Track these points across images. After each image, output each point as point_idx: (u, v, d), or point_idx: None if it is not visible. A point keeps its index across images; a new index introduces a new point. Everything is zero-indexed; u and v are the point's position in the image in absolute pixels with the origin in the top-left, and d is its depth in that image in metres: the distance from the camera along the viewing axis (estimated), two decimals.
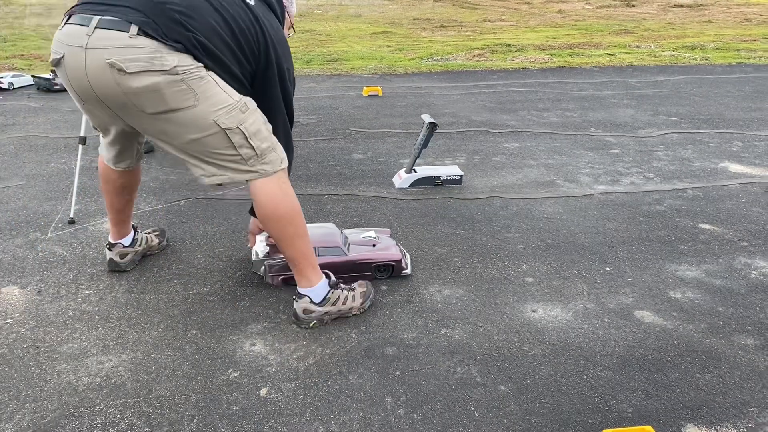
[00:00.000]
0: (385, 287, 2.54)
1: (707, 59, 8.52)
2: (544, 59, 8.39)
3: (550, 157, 4.29)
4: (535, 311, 2.39)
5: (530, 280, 2.62)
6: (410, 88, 6.61)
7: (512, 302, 2.45)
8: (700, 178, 3.90)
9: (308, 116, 5.30)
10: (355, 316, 2.33)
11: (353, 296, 2.33)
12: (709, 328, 2.30)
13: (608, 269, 2.72)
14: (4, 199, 3.40)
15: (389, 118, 5.31)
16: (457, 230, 3.08)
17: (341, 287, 2.33)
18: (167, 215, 3.22)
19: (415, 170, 3.71)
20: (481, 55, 8.72)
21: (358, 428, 1.79)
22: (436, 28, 12.14)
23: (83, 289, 2.50)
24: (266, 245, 2.61)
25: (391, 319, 2.33)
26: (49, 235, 2.97)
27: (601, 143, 4.63)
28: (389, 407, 1.87)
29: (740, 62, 8.38)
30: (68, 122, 4.97)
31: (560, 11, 15.28)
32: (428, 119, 3.52)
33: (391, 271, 2.62)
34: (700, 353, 2.15)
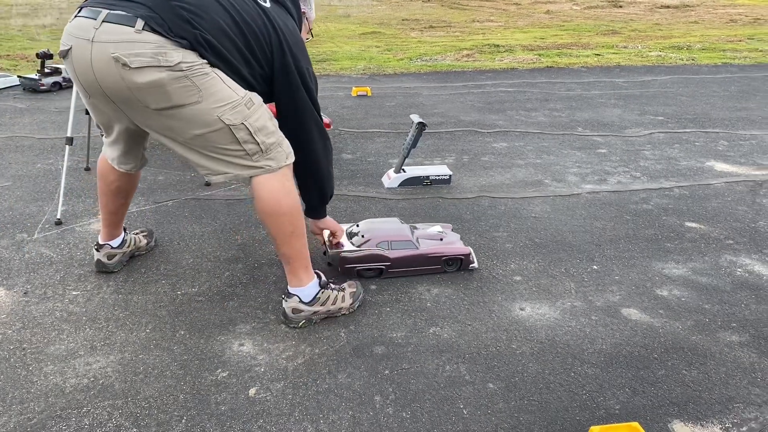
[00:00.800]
0: (374, 286, 2.55)
1: (693, 59, 8.60)
2: (532, 59, 8.43)
3: (538, 156, 4.31)
4: (523, 309, 2.40)
5: (518, 278, 2.64)
6: (399, 88, 6.62)
7: (500, 301, 2.46)
8: (686, 177, 3.94)
9: None
10: (344, 315, 2.33)
11: (343, 296, 2.33)
12: (695, 325, 2.33)
13: (596, 267, 2.74)
14: None
15: (378, 118, 5.31)
16: None
17: (331, 287, 2.33)
18: (155, 216, 3.20)
19: (404, 170, 3.72)
20: (469, 55, 8.75)
21: (347, 427, 1.79)
22: (424, 28, 12.16)
23: (70, 290, 2.49)
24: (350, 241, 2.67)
25: (380, 318, 2.33)
26: (35, 236, 2.95)
27: (588, 143, 4.66)
28: (378, 406, 1.88)
29: (726, 62, 8.46)
30: (55, 123, 4.93)
31: (548, 12, 15.35)
32: (417, 119, 3.53)
33: (459, 264, 2.66)
34: (686, 350, 2.17)
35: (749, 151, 4.50)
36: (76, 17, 1.94)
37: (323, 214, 2.54)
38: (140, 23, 1.82)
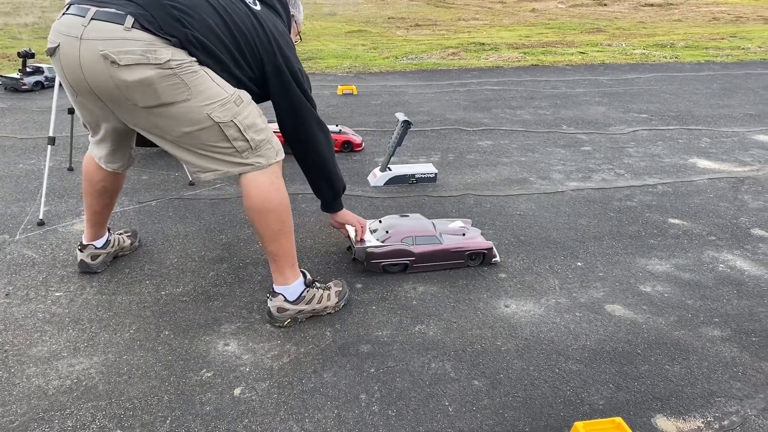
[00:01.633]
0: (360, 285, 2.55)
1: (677, 57, 8.67)
2: (517, 58, 8.46)
3: (522, 154, 4.33)
4: (508, 306, 2.42)
5: (503, 276, 2.65)
6: (385, 86, 6.62)
7: (486, 298, 2.47)
8: (669, 173, 3.97)
9: None
10: (329, 314, 2.33)
11: (328, 295, 2.33)
12: (678, 320, 2.35)
13: (580, 264, 2.76)
14: None
15: (364, 116, 5.31)
16: None
17: (317, 286, 2.33)
18: (139, 215, 3.18)
19: (389, 168, 3.72)
20: (455, 53, 8.76)
21: (332, 426, 1.79)
22: (410, 26, 12.17)
23: (53, 291, 2.46)
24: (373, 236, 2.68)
25: (365, 316, 2.33)
26: (17, 237, 2.92)
27: (572, 140, 4.68)
28: (364, 404, 1.88)
29: (708, 60, 8.54)
30: (37, 122, 4.88)
31: (533, 10, 15.41)
32: (402, 117, 3.53)
33: (482, 258, 2.69)
34: (669, 345, 2.19)
35: (731, 148, 4.55)
36: (64, 14, 1.93)
37: (339, 206, 2.59)
38: (130, 21, 1.81)
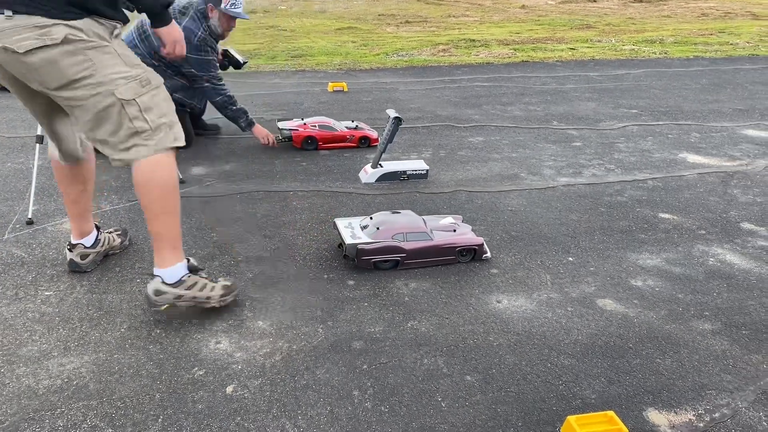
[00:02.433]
0: (351, 282, 2.54)
1: (666, 53, 8.71)
2: (507, 54, 8.47)
3: (513, 150, 4.33)
4: (500, 302, 2.42)
5: (495, 271, 2.65)
6: (375, 83, 6.61)
7: (478, 294, 2.47)
8: (659, 168, 3.99)
9: (273, 112, 5.26)
10: (213, 308, 2.27)
11: (213, 287, 2.28)
12: (669, 314, 2.36)
13: (571, 259, 2.77)
14: None
15: (355, 113, 5.30)
16: None
17: (201, 275, 2.30)
18: (129, 214, 3.16)
19: (381, 165, 3.71)
20: (445, 50, 8.76)
21: (325, 422, 1.79)
22: (400, 23, 12.15)
23: (43, 290, 2.44)
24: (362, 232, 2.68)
25: (358, 313, 2.33)
26: (6, 236, 2.89)
27: (563, 136, 4.69)
28: (357, 401, 1.88)
29: (697, 56, 8.58)
30: (25, 121, 4.84)
31: (523, 7, 15.42)
32: (393, 114, 3.53)
33: (473, 254, 2.69)
34: (660, 339, 2.20)
35: (720, 142, 4.57)
36: None
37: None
38: (8, 11, 1.85)
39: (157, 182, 2.11)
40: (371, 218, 2.76)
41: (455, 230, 2.76)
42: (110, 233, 2.73)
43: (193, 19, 3.92)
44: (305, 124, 4.30)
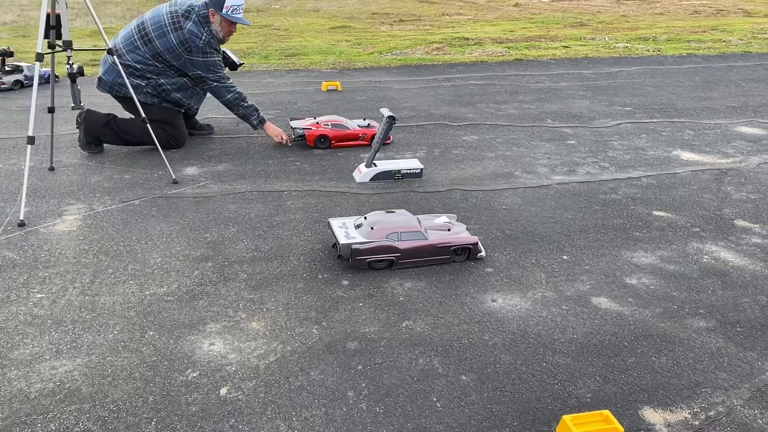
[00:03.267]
0: (346, 282, 2.53)
1: (659, 50, 8.72)
2: (501, 52, 8.46)
3: (508, 148, 4.33)
4: (495, 301, 2.41)
5: (490, 270, 2.64)
6: (369, 82, 6.60)
7: (473, 293, 2.47)
8: (653, 166, 3.99)
9: (266, 111, 5.24)
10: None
11: None
12: (663, 312, 2.36)
13: (566, 257, 2.76)
14: None
15: (349, 112, 5.28)
16: None
17: None
18: (122, 215, 3.14)
19: (375, 164, 3.70)
20: (439, 48, 8.75)
21: (320, 424, 1.78)
22: (394, 22, 12.14)
23: (35, 293, 2.43)
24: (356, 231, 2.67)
25: (352, 313, 2.32)
26: None
27: (557, 134, 4.69)
28: (351, 401, 1.87)
29: (690, 53, 8.59)
30: (16, 122, 4.81)
31: (517, 5, 15.43)
32: (387, 113, 3.52)
33: (468, 253, 2.69)
34: (655, 337, 2.20)
35: (714, 140, 4.58)
36: None
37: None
38: None
39: None
40: (365, 218, 2.75)
41: (450, 229, 2.75)
42: None
43: (195, 23, 4.02)
44: (318, 123, 4.31)
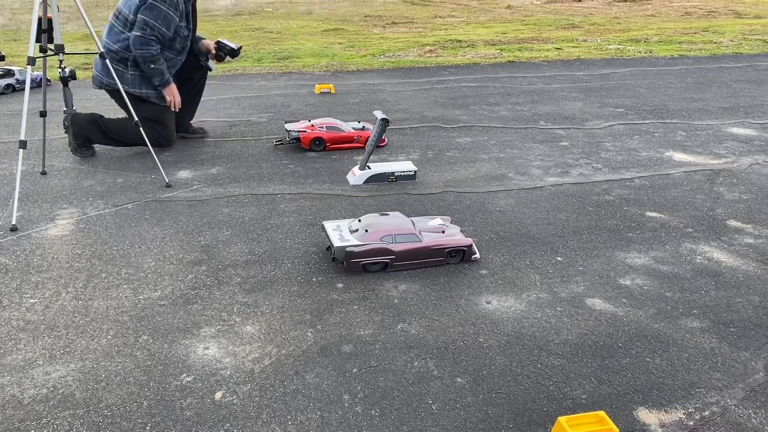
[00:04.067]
0: (340, 285, 2.53)
1: (651, 52, 8.76)
2: (494, 54, 8.48)
3: (501, 150, 4.34)
4: (489, 303, 2.42)
5: (484, 272, 2.65)
6: (362, 85, 6.60)
7: (467, 295, 2.47)
8: (646, 167, 4.01)
9: (260, 114, 5.24)
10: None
11: None
12: (657, 313, 2.37)
13: (560, 259, 2.77)
14: None
15: (342, 115, 5.27)
16: None
17: None
18: (115, 219, 3.13)
19: (368, 167, 3.70)
20: (432, 51, 8.76)
21: (315, 428, 1.78)
22: (387, 24, 12.15)
23: (27, 297, 2.41)
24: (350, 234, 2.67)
25: (347, 316, 2.32)
26: None
27: (550, 136, 4.71)
28: (347, 405, 1.87)
29: (682, 54, 8.63)
30: (8, 126, 4.78)
31: (509, 7, 15.47)
32: (380, 115, 3.52)
33: (462, 255, 2.69)
34: (649, 338, 2.21)
35: (706, 140, 4.60)
36: None
37: None
38: None
39: None
40: (360, 220, 2.75)
41: (444, 231, 2.76)
42: None
43: None
44: (312, 125, 4.30)
